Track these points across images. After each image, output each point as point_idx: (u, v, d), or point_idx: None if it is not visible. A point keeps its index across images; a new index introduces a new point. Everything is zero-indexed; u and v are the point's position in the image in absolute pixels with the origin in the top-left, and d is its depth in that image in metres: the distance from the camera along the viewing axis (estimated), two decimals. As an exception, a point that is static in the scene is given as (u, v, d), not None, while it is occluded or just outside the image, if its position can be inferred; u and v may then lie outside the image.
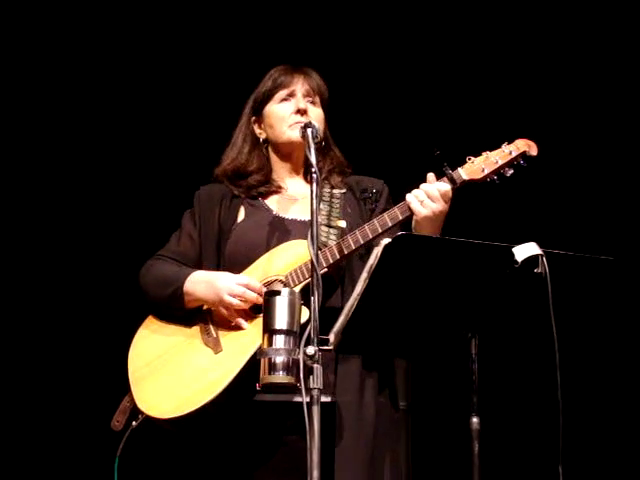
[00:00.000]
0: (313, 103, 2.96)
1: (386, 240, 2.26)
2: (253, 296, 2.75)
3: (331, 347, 2.34)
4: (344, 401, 2.71)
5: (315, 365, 2.30)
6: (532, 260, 2.29)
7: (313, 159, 2.53)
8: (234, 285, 2.76)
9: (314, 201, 2.46)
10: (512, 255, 2.30)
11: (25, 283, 4.15)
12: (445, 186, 2.70)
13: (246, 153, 2.99)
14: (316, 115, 2.93)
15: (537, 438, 3.79)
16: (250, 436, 2.75)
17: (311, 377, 2.30)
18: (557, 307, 2.30)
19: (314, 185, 2.48)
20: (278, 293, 2.43)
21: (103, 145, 4.20)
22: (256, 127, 3.01)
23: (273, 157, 3.01)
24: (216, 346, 2.78)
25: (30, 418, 4.06)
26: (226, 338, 2.79)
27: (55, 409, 4.06)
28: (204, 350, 2.79)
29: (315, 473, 2.26)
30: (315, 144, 2.59)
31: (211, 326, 2.83)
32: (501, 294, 2.38)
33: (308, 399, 2.29)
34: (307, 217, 2.72)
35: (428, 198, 2.68)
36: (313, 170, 2.50)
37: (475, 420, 2.39)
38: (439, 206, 2.69)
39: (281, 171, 3.00)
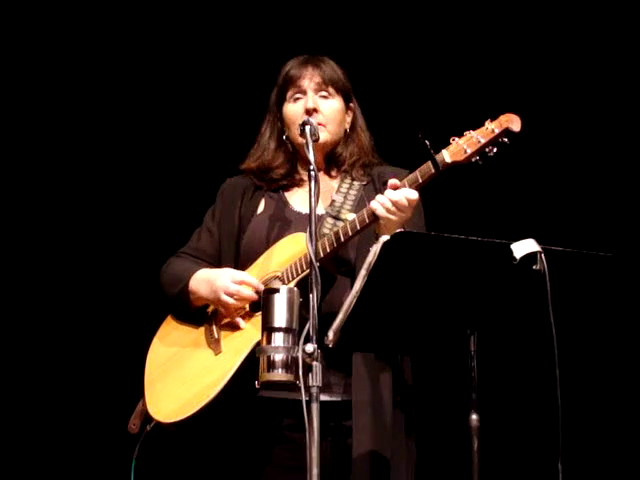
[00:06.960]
0: (326, 96, 2.93)
1: (385, 237, 2.25)
2: (248, 293, 2.74)
3: (330, 344, 2.34)
4: (359, 401, 2.69)
5: (314, 363, 2.30)
6: (531, 257, 2.29)
7: (311, 157, 2.53)
8: (230, 283, 2.75)
9: (312, 199, 2.46)
10: (511, 252, 2.29)
11: (47, 283, 4.15)
12: (413, 194, 2.61)
13: (272, 150, 2.98)
14: (328, 109, 2.91)
15: (536, 435, 3.78)
16: (256, 433, 2.75)
17: (310, 375, 2.30)
18: (556, 304, 2.29)
19: (312, 183, 2.48)
20: (277, 291, 2.43)
21: (129, 143, 4.21)
22: (280, 124, 2.98)
23: (296, 153, 2.97)
24: (217, 347, 2.78)
25: (49, 420, 4.07)
26: (227, 339, 2.78)
27: (75, 411, 4.07)
28: (207, 352, 2.79)
29: (315, 471, 2.25)
30: (313, 141, 2.60)
31: (214, 327, 2.82)
32: (500, 291, 2.38)
33: (307, 397, 2.29)
34: (318, 211, 2.77)
35: (394, 206, 2.60)
36: (311, 167, 2.50)
37: (474, 417, 2.39)
38: (407, 214, 2.62)
39: (304, 167, 2.93)
